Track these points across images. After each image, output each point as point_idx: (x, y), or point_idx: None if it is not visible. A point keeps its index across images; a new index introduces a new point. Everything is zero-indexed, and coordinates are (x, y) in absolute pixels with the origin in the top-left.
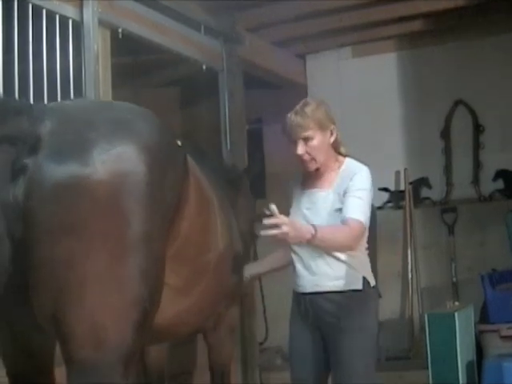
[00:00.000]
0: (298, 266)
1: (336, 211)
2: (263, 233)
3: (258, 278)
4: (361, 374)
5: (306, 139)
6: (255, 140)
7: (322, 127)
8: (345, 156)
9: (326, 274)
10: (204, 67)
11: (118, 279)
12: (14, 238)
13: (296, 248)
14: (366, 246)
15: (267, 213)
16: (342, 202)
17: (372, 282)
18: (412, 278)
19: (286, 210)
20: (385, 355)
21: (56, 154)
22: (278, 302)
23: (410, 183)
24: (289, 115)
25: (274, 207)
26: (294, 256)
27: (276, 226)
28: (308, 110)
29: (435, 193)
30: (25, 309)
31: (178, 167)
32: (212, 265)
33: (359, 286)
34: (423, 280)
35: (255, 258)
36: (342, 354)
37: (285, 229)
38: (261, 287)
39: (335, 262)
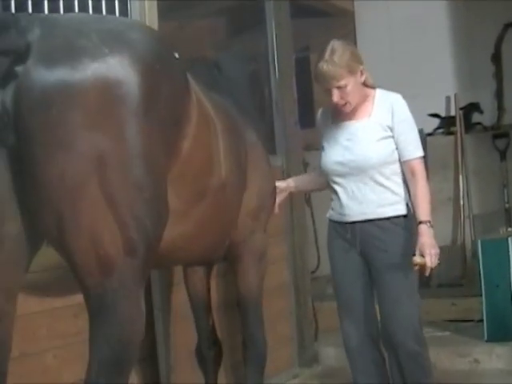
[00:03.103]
0: (343, 196)
1: (379, 141)
2: None
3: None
4: (406, 293)
5: (340, 87)
6: (303, 68)
7: (353, 72)
8: (373, 87)
9: (373, 202)
10: None
11: (112, 196)
12: (6, 150)
13: (339, 179)
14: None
15: None
16: (385, 131)
17: (412, 209)
18: (464, 205)
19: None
20: (437, 282)
21: (45, 60)
22: None
23: (461, 108)
24: (319, 65)
25: None
26: (336, 187)
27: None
28: (337, 57)
29: (486, 118)
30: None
31: (175, 79)
32: (214, 189)
33: (404, 212)
34: (475, 206)
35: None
36: (388, 277)
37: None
38: (312, 216)
39: (381, 189)
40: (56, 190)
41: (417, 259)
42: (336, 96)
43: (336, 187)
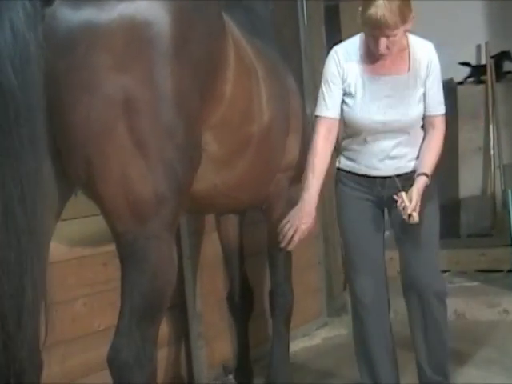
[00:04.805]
0: (376, 152)
1: (420, 98)
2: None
3: None
4: (432, 238)
5: (389, 36)
6: (332, 16)
7: (404, 21)
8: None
9: (405, 156)
10: None
11: (141, 142)
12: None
13: (373, 136)
14: None
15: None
16: (422, 86)
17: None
18: (494, 154)
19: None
20: (466, 232)
21: (71, 1)
22: None
23: (492, 57)
24: (372, 10)
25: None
26: (367, 142)
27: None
28: (396, 6)
29: None
30: None
31: (210, 20)
32: (257, 138)
33: None
34: (505, 156)
35: None
36: (419, 226)
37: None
38: None
39: (413, 144)
40: (83, 134)
41: (404, 196)
42: (383, 45)
43: (367, 142)
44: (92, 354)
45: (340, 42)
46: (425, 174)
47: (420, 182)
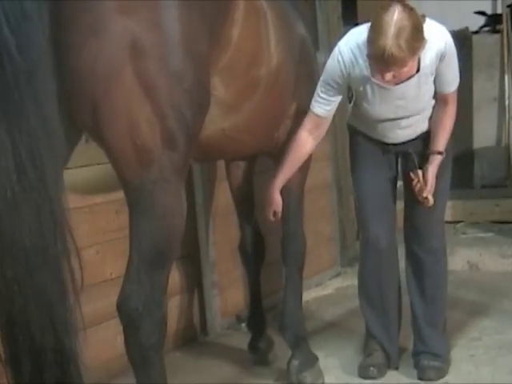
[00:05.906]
0: (387, 126)
1: (430, 89)
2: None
3: None
4: (444, 190)
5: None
6: None
7: (415, 54)
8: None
9: (417, 123)
10: None
11: (149, 85)
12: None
13: (383, 117)
14: None
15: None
16: (432, 74)
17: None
18: (509, 105)
19: None
20: (480, 183)
21: None
22: None
23: (508, 6)
24: (381, 43)
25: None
26: (380, 123)
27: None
28: (403, 41)
29: None
30: None
31: None
32: (264, 81)
33: None
34: None
35: None
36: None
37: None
38: None
39: (425, 111)
40: (90, 78)
41: (420, 175)
42: (389, 77)
43: (382, 123)
44: (104, 302)
45: None
46: (439, 153)
47: (435, 161)
